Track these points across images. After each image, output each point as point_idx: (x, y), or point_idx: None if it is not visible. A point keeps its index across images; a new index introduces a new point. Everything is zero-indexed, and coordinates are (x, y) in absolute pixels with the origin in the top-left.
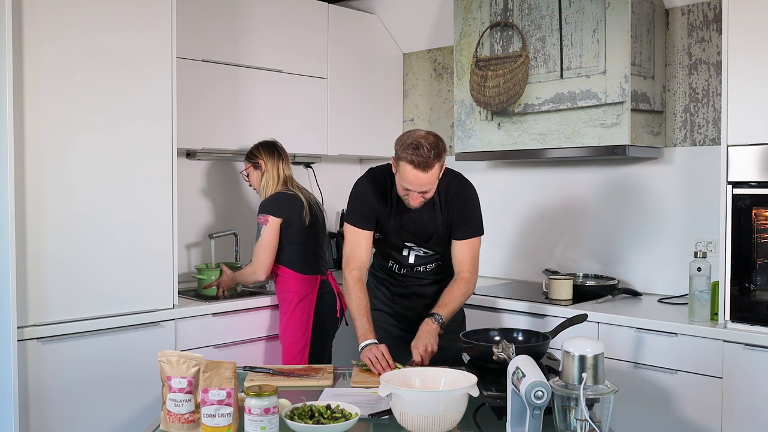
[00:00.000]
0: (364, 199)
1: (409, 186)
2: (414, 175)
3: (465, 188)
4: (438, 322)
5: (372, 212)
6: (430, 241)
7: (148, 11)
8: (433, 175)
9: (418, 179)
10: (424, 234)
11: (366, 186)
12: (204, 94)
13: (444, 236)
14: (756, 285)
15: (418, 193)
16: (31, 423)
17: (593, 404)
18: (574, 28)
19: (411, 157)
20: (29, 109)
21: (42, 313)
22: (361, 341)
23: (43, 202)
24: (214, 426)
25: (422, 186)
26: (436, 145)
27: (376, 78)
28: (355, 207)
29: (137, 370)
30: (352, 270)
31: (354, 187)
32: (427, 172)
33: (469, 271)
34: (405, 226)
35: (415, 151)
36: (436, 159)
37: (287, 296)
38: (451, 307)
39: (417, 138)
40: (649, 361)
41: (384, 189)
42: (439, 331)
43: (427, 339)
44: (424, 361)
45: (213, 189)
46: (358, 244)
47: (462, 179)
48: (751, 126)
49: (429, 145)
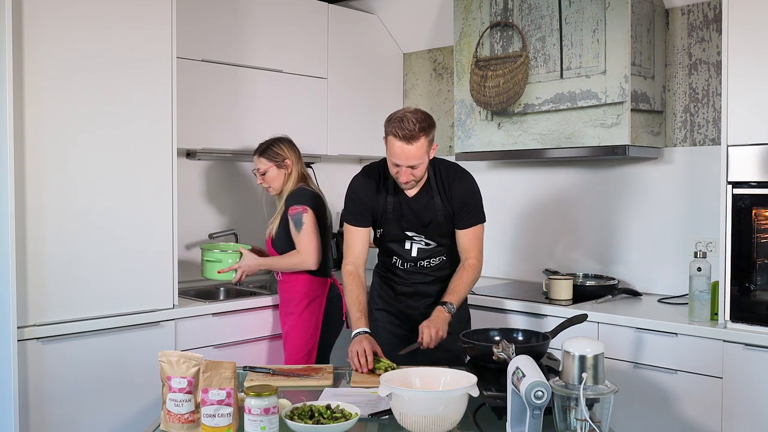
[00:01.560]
0: (356, 197)
1: (396, 160)
2: (400, 148)
3: (464, 176)
4: (450, 311)
5: (365, 209)
6: (429, 227)
7: (148, 11)
8: (420, 148)
9: (404, 152)
10: (422, 220)
11: (358, 184)
12: (204, 94)
13: (444, 224)
14: (756, 285)
15: (407, 168)
16: (31, 423)
17: (593, 404)
18: (574, 28)
19: (396, 131)
20: (29, 109)
21: (42, 313)
22: (353, 329)
23: (43, 202)
24: (214, 426)
25: (408, 159)
26: (423, 119)
27: (376, 78)
28: (348, 206)
29: (137, 370)
30: (346, 265)
31: (348, 187)
32: (413, 144)
33: (475, 257)
34: (404, 213)
35: (400, 123)
36: (422, 132)
37: (295, 297)
38: (460, 294)
39: (403, 113)
40: (649, 361)
41: (378, 182)
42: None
43: (439, 323)
44: (432, 343)
45: (213, 189)
46: (353, 240)
47: (460, 168)
48: (751, 126)
49: (415, 119)
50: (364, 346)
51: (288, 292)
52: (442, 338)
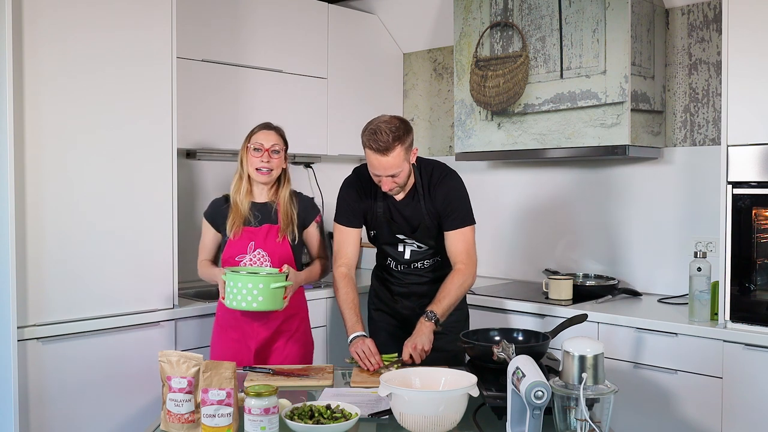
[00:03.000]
0: (347, 197)
1: (375, 171)
2: (376, 159)
3: (447, 177)
4: (431, 319)
5: (355, 210)
6: (417, 232)
7: (148, 11)
8: (396, 157)
9: (381, 163)
10: (411, 225)
11: (349, 184)
12: (204, 94)
13: (432, 228)
14: (756, 285)
15: (387, 177)
16: (31, 423)
17: (593, 404)
18: (574, 28)
19: (371, 143)
20: (29, 109)
21: (42, 313)
22: (350, 333)
23: (43, 202)
24: (214, 426)
25: (386, 170)
26: (397, 129)
27: (376, 78)
28: (339, 206)
29: (137, 370)
30: (339, 267)
31: (340, 188)
32: (388, 155)
33: (462, 262)
34: (394, 217)
35: (373, 136)
36: (397, 142)
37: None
38: (447, 302)
39: (378, 123)
40: (649, 361)
41: (369, 184)
42: (436, 328)
43: (418, 338)
44: (415, 359)
45: (213, 189)
46: (345, 242)
47: (445, 169)
48: (751, 126)
49: (388, 129)
50: (369, 345)
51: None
52: (427, 353)
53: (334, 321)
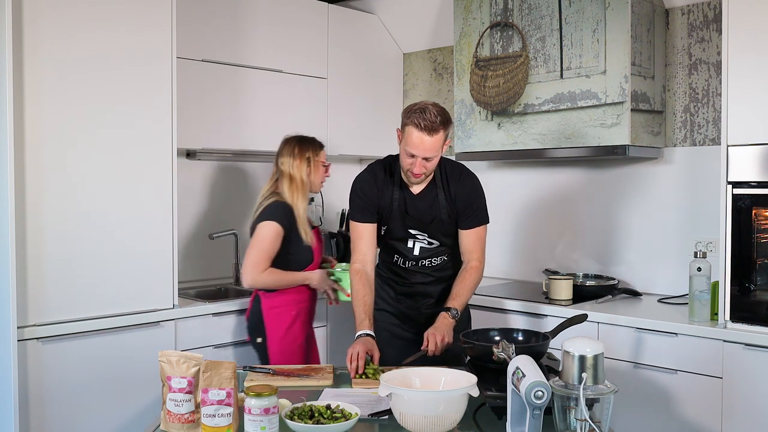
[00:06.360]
0: (361, 193)
1: (413, 151)
2: (419, 138)
3: (469, 177)
4: (454, 317)
5: (370, 204)
6: (432, 224)
7: (148, 11)
8: (438, 140)
9: (423, 143)
10: (426, 218)
11: (363, 180)
12: (204, 94)
13: (446, 222)
14: (756, 285)
15: (422, 160)
16: (31, 423)
17: (593, 404)
18: (574, 28)
19: (417, 120)
20: (29, 109)
21: (42, 313)
22: (357, 331)
23: (43, 202)
24: (214, 426)
25: (426, 151)
26: (443, 113)
27: (376, 78)
28: (354, 202)
29: (137, 370)
30: (354, 263)
31: (353, 183)
32: (433, 136)
33: (477, 259)
34: (408, 210)
35: (422, 114)
36: (442, 126)
37: None
38: (463, 298)
39: (424, 104)
40: (649, 361)
41: (384, 178)
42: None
43: (444, 329)
44: (437, 351)
45: (213, 189)
46: (360, 238)
47: (465, 168)
48: (751, 126)
49: (436, 111)
50: (358, 350)
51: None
52: (449, 344)
53: (335, 321)
